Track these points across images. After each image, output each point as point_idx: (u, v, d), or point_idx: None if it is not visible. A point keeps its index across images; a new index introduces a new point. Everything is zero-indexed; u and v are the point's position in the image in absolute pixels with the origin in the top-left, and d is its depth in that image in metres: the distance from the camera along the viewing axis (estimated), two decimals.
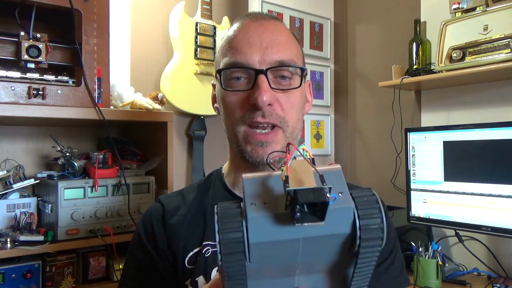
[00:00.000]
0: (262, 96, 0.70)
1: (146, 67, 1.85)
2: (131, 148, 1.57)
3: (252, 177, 0.39)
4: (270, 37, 0.75)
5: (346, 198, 0.36)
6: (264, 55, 0.73)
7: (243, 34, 0.76)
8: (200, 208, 0.82)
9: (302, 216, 0.34)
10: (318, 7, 2.37)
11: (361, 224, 0.35)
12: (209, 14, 1.90)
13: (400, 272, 0.82)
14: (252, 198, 0.36)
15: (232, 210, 0.36)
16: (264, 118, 0.72)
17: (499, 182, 1.47)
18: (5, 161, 1.46)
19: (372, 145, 2.31)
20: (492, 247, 1.69)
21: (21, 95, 1.21)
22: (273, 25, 0.78)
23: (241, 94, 0.74)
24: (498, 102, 1.75)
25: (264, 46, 0.74)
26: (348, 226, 0.36)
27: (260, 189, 0.37)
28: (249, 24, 0.77)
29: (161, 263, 0.79)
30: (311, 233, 0.35)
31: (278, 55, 0.74)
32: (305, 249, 0.36)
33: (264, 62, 0.73)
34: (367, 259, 0.37)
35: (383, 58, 2.22)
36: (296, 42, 0.81)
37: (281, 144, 0.74)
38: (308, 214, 0.34)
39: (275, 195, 0.36)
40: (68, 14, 1.29)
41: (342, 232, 0.36)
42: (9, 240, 1.22)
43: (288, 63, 0.74)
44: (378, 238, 0.36)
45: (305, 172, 0.36)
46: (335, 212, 0.35)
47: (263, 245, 0.36)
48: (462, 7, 1.68)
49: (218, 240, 0.35)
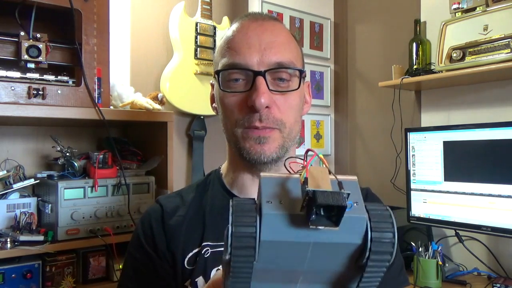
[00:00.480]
0: (260, 98, 0.70)
1: (146, 67, 1.85)
2: (131, 148, 1.56)
3: (270, 176, 0.38)
4: (269, 38, 0.74)
5: (360, 208, 0.36)
6: (262, 56, 0.73)
7: (242, 35, 0.75)
8: (199, 208, 0.82)
9: (317, 218, 0.34)
10: (318, 7, 2.37)
11: (373, 236, 0.35)
12: (209, 14, 1.90)
13: (400, 272, 0.82)
14: (268, 196, 0.36)
15: (247, 205, 0.36)
16: (261, 122, 0.72)
17: (499, 182, 1.47)
18: (5, 161, 1.46)
19: (372, 145, 2.31)
20: (492, 247, 1.69)
21: (21, 95, 1.21)
22: (272, 25, 0.77)
23: (239, 96, 0.74)
24: (498, 102, 1.75)
25: (263, 48, 0.73)
26: (360, 236, 0.35)
27: (277, 189, 0.37)
28: (248, 25, 0.76)
29: (160, 264, 0.79)
30: (322, 239, 0.35)
31: (277, 57, 0.73)
32: (313, 255, 0.36)
33: (263, 64, 0.73)
34: (374, 273, 0.37)
35: (383, 58, 2.22)
36: (295, 43, 0.81)
37: (278, 142, 0.74)
38: (323, 217, 0.34)
39: (292, 197, 0.36)
40: (68, 14, 1.29)
41: (353, 241, 0.35)
42: (9, 240, 1.22)
43: (287, 65, 0.74)
44: (388, 253, 0.35)
45: (323, 179, 0.35)
46: (349, 220, 0.35)
47: (273, 244, 0.35)
48: (462, 7, 1.68)
49: (231, 233, 0.35)
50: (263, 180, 0.38)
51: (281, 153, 0.75)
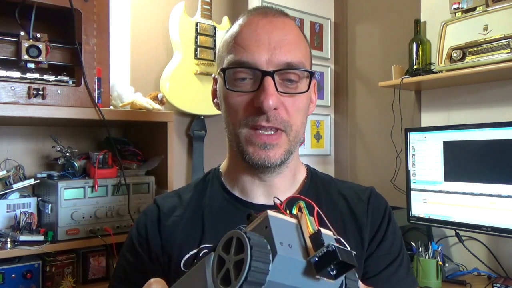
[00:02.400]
0: (268, 100, 0.67)
1: (146, 67, 1.85)
2: (131, 148, 1.56)
3: (277, 217, 0.40)
4: (279, 36, 0.71)
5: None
6: (272, 55, 0.69)
7: (251, 32, 0.72)
8: (197, 209, 0.79)
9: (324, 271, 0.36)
10: (318, 7, 2.37)
11: None
12: (209, 14, 1.90)
13: (408, 272, 0.81)
14: (279, 237, 0.37)
15: (263, 242, 0.37)
16: (268, 122, 0.70)
17: (499, 182, 1.47)
18: (5, 161, 1.45)
19: (372, 145, 2.31)
20: (492, 247, 1.69)
21: (21, 95, 1.21)
22: (282, 23, 0.74)
23: (245, 96, 0.71)
24: (498, 102, 1.75)
25: (272, 46, 0.70)
26: None
27: (286, 232, 0.38)
28: (258, 21, 0.72)
29: (151, 268, 0.76)
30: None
31: (287, 57, 0.70)
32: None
33: (272, 63, 0.69)
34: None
35: (383, 58, 2.22)
36: (305, 42, 0.78)
37: (284, 147, 0.72)
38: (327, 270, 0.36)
39: (299, 243, 0.38)
40: (68, 14, 1.29)
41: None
42: (9, 240, 1.22)
43: (296, 66, 0.71)
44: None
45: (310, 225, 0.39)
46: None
47: (275, 286, 0.36)
48: (462, 7, 1.68)
49: (248, 267, 0.35)
50: (272, 219, 0.39)
51: (286, 158, 0.73)
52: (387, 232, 0.80)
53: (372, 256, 0.78)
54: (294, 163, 0.81)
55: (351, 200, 0.82)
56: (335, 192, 0.83)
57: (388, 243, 0.79)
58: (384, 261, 0.78)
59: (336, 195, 0.83)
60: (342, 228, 0.78)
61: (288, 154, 0.73)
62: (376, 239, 0.79)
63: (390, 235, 0.80)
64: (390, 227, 0.81)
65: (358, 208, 0.80)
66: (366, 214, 0.80)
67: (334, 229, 0.41)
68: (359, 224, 0.79)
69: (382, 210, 0.82)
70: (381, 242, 0.79)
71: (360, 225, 0.79)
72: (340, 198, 0.82)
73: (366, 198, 0.82)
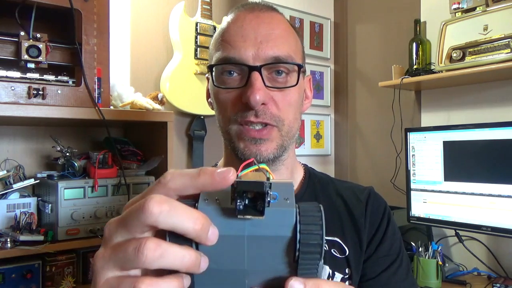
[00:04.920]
0: (255, 95, 0.66)
1: (146, 67, 1.85)
2: (131, 148, 1.56)
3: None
4: (266, 30, 0.70)
5: (290, 203, 0.37)
6: (258, 50, 0.68)
7: (237, 27, 0.71)
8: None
9: (244, 209, 0.35)
10: (318, 7, 2.37)
11: (301, 228, 0.36)
12: (209, 14, 1.90)
13: (407, 274, 0.80)
14: (206, 195, 0.38)
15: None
16: (257, 118, 0.68)
17: (499, 182, 1.47)
18: (5, 161, 1.45)
19: (372, 145, 2.31)
20: (492, 247, 1.69)
21: (21, 95, 1.21)
22: (269, 17, 0.73)
23: (233, 92, 0.70)
24: (498, 102, 1.75)
25: (258, 41, 0.69)
26: (290, 229, 0.36)
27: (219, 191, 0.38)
28: (244, 16, 0.72)
29: None
30: (253, 232, 0.36)
31: (274, 51, 0.69)
32: (251, 252, 0.37)
33: (259, 58, 0.68)
34: (308, 268, 0.37)
35: (383, 58, 2.22)
36: (295, 36, 0.76)
37: (276, 142, 0.71)
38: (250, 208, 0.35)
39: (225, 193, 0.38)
40: (68, 14, 1.29)
41: (282, 234, 0.36)
42: (9, 240, 1.22)
43: (284, 59, 0.69)
44: (318, 245, 0.36)
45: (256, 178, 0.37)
46: (278, 213, 0.36)
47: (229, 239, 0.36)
48: (462, 7, 1.68)
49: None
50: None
51: (280, 153, 0.72)
52: (386, 233, 0.79)
53: (371, 258, 0.78)
54: (291, 162, 0.79)
55: (349, 201, 0.81)
56: (333, 192, 0.83)
57: (387, 244, 0.79)
58: (383, 262, 0.78)
59: (334, 195, 0.82)
60: (340, 229, 0.78)
61: (281, 149, 0.72)
62: (375, 241, 0.79)
63: (389, 236, 0.79)
64: (389, 228, 0.80)
65: (356, 209, 0.80)
66: (365, 215, 0.79)
67: (331, 229, 0.41)
68: (357, 226, 0.78)
69: (381, 211, 0.82)
70: (380, 244, 0.78)
71: (358, 226, 0.78)
72: (338, 198, 0.82)
73: (365, 199, 0.82)
